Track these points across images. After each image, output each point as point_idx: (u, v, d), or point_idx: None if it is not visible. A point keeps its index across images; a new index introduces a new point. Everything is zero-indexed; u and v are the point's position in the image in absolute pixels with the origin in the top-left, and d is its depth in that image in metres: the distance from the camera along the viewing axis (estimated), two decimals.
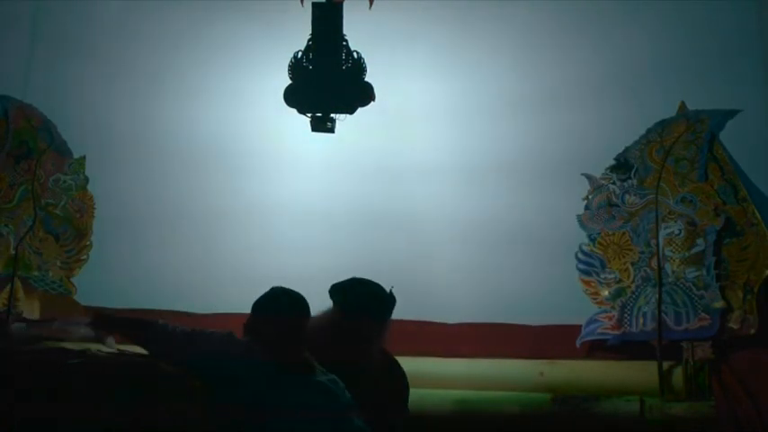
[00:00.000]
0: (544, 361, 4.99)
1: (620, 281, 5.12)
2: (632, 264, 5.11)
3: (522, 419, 4.68)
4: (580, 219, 5.28)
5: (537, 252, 5.61)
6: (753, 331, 4.76)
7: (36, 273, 5.57)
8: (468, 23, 6.15)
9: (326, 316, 3.16)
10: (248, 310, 3.05)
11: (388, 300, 3.21)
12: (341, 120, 5.52)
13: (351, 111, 5.50)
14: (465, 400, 4.81)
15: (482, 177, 5.93)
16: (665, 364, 4.75)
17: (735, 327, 4.79)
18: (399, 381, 3.34)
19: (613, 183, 5.26)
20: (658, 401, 4.61)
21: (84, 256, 5.68)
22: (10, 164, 5.62)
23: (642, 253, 5.08)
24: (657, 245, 5.01)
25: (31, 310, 5.48)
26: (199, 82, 6.24)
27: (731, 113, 5.12)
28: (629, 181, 5.22)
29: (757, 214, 4.91)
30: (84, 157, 5.81)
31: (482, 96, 6.08)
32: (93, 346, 3.95)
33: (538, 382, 4.92)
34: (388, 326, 3.27)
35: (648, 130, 5.25)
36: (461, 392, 4.86)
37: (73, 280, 5.65)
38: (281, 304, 2.99)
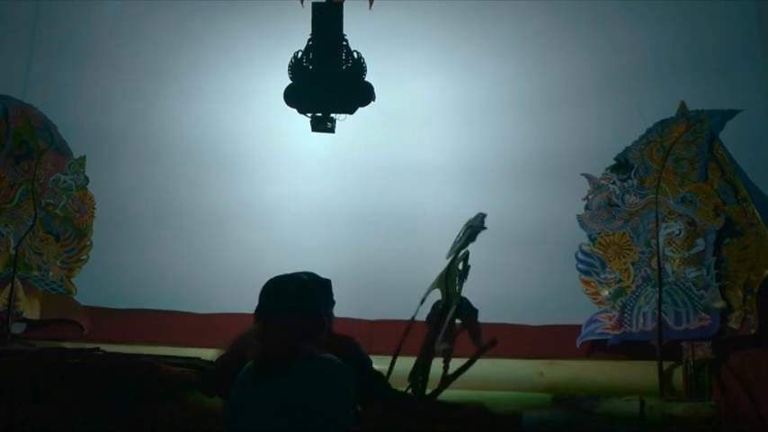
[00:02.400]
0: (544, 361, 4.99)
1: (620, 281, 5.12)
2: (632, 264, 5.10)
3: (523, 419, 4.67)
4: (580, 219, 5.27)
5: (537, 252, 5.61)
6: (753, 331, 4.76)
7: (36, 273, 5.57)
8: (469, 23, 6.15)
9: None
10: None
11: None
12: (341, 120, 5.51)
13: (351, 111, 5.49)
14: (465, 400, 4.80)
15: (482, 177, 5.92)
16: (665, 364, 4.75)
17: (735, 327, 4.79)
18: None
19: (613, 183, 5.25)
20: (658, 401, 4.60)
21: (85, 256, 5.68)
22: (10, 164, 5.63)
23: (642, 253, 5.08)
24: (657, 245, 5.01)
25: (31, 310, 5.49)
26: (199, 82, 6.25)
27: (731, 113, 5.11)
28: (629, 181, 5.22)
29: (757, 214, 4.90)
30: (84, 157, 5.81)
31: (482, 96, 6.08)
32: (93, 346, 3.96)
33: (538, 382, 4.92)
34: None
35: (648, 130, 5.24)
36: (461, 392, 4.85)
37: (73, 280, 5.66)
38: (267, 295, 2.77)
